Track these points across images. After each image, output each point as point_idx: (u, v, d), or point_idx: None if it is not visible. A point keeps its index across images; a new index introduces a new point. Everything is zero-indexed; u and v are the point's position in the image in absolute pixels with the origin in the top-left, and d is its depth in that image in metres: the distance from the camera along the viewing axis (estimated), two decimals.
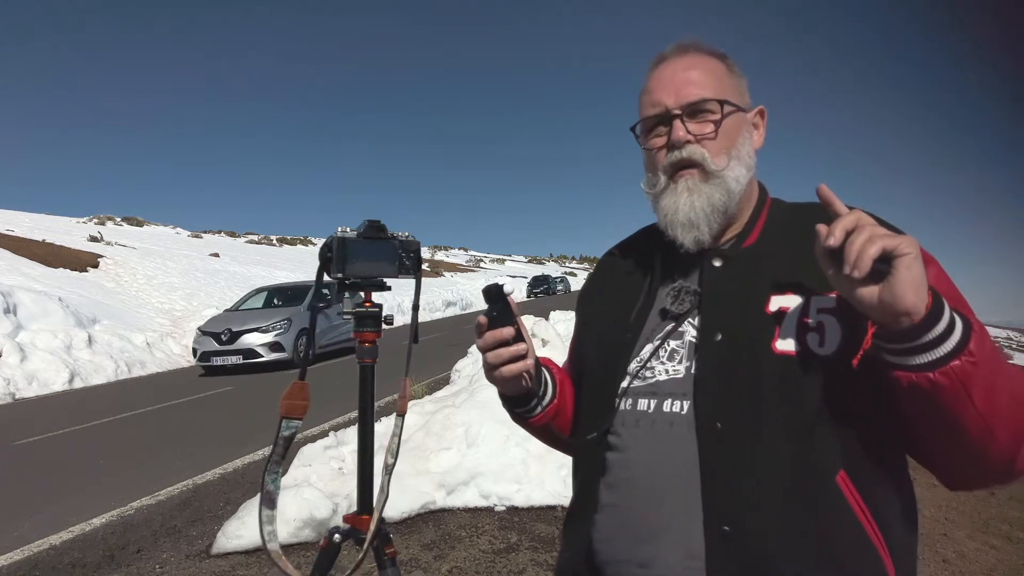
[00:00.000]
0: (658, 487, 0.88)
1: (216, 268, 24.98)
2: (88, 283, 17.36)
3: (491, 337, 0.94)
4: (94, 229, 30.42)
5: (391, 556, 1.37)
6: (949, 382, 0.72)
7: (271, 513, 1.32)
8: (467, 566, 3.44)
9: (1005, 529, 4.19)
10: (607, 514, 0.93)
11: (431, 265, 43.83)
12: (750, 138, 0.98)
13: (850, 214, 0.75)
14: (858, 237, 0.72)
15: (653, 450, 0.90)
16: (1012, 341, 37.29)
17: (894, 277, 0.70)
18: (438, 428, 4.78)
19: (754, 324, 0.88)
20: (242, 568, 3.57)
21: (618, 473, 0.93)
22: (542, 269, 68.71)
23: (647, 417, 0.92)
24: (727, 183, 0.94)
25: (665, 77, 0.97)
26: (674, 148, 0.95)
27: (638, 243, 1.09)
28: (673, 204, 0.95)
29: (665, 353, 0.95)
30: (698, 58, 0.98)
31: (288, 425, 1.32)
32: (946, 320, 0.72)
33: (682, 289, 0.96)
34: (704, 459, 0.86)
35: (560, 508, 4.18)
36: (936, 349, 0.72)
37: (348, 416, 7.09)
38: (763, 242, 0.96)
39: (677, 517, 0.86)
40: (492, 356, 0.95)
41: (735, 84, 0.98)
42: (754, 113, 1.01)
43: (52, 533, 4.26)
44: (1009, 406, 0.75)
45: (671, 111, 0.95)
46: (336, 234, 1.33)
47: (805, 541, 0.81)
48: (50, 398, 9.69)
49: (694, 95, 0.94)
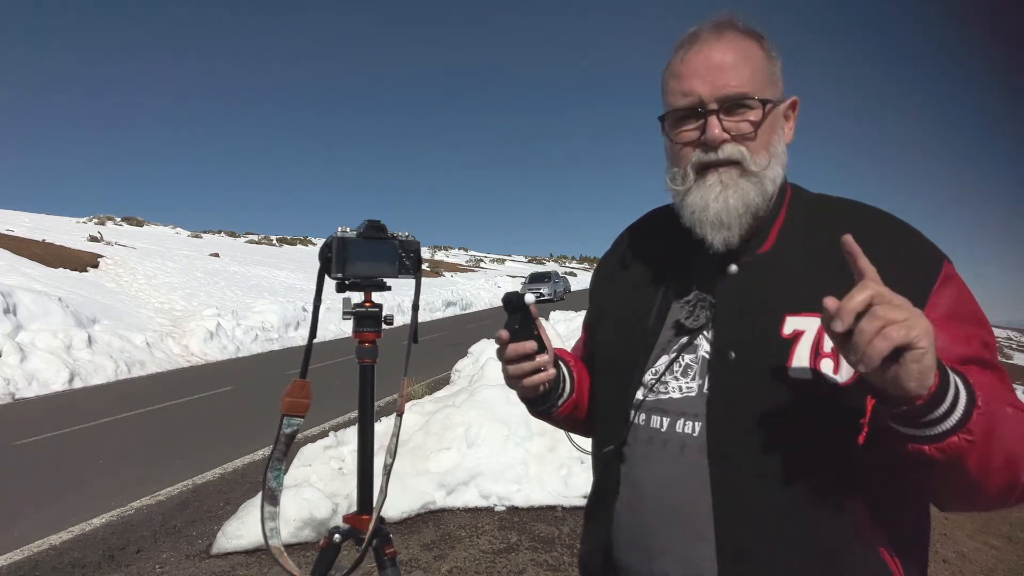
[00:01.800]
0: (668, 509, 0.88)
1: (216, 268, 24.97)
2: (88, 283, 17.35)
3: (513, 352, 0.92)
4: (94, 229, 30.42)
5: (391, 556, 1.36)
6: (944, 457, 0.70)
7: (273, 510, 1.32)
8: (467, 566, 3.44)
9: (1005, 529, 4.19)
10: (621, 523, 0.94)
11: (431, 265, 43.80)
12: (783, 133, 0.92)
13: (863, 289, 0.66)
14: (868, 326, 0.65)
15: (663, 471, 0.90)
16: (1012, 341, 37.29)
17: (902, 368, 0.65)
18: (438, 428, 4.78)
19: (768, 345, 0.85)
20: (242, 568, 3.57)
21: (630, 489, 0.93)
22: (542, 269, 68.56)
23: (659, 436, 0.91)
24: (764, 184, 0.88)
25: (699, 63, 0.88)
26: (708, 148, 0.87)
27: (654, 229, 1.04)
28: (702, 200, 0.88)
29: (680, 368, 0.92)
30: (736, 41, 0.88)
31: (289, 423, 1.33)
32: (948, 402, 0.69)
33: (698, 303, 0.92)
34: (715, 484, 0.85)
35: (560, 508, 4.18)
36: (933, 428, 0.69)
37: (348, 416, 7.09)
38: (779, 247, 0.91)
39: (686, 539, 0.86)
40: (514, 369, 0.93)
41: (772, 73, 0.90)
42: (786, 105, 0.93)
43: (52, 533, 4.26)
44: (1003, 464, 0.73)
45: (707, 104, 0.87)
46: (336, 234, 1.33)
47: (818, 568, 0.81)
48: (50, 398, 9.68)
49: (733, 88, 0.86)
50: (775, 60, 0.91)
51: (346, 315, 1.38)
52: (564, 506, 4.20)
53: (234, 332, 15.38)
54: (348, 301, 1.39)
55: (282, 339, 16.49)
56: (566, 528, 3.89)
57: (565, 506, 4.19)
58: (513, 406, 4.91)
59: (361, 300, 1.39)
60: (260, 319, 16.70)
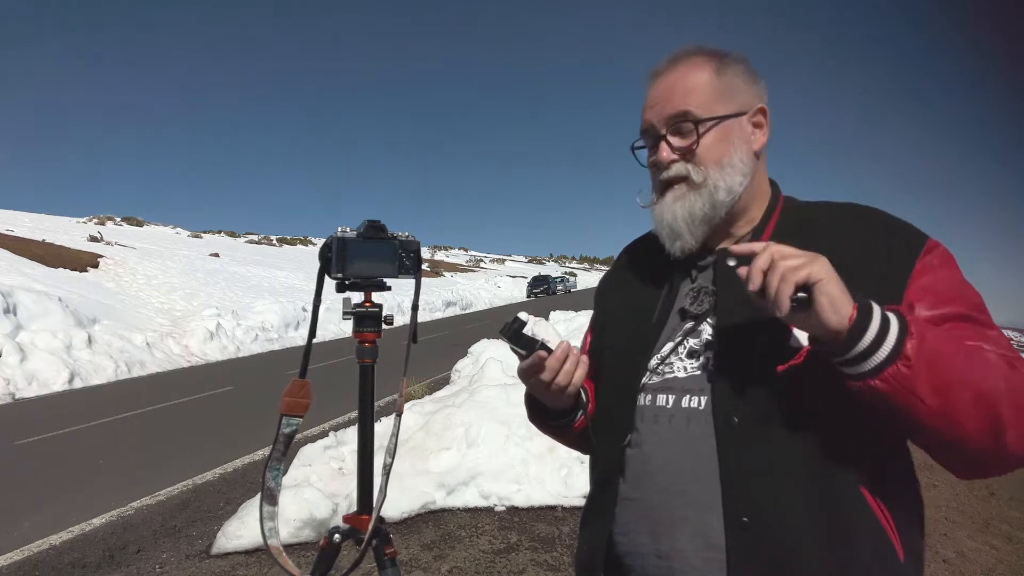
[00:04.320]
0: (677, 480, 0.91)
1: (216, 268, 24.98)
2: (88, 283, 17.35)
3: (531, 371, 0.96)
4: (94, 229, 30.43)
5: (391, 556, 1.36)
6: (891, 387, 0.75)
7: (272, 510, 1.32)
8: (467, 566, 3.44)
9: (1005, 529, 4.20)
10: (626, 507, 0.96)
11: (431, 265, 43.81)
12: (744, 142, 0.96)
13: (762, 252, 0.78)
14: (772, 278, 0.77)
15: (672, 444, 0.92)
16: (1013, 341, 37.35)
17: (815, 303, 0.75)
18: (438, 428, 4.78)
19: (768, 322, 0.88)
20: (242, 568, 3.57)
21: (637, 467, 0.95)
22: (542, 269, 68.69)
23: (666, 412, 0.94)
24: (712, 193, 0.94)
25: (653, 93, 0.98)
26: (660, 168, 0.97)
27: (656, 240, 1.09)
28: (659, 215, 0.98)
29: (684, 350, 0.96)
30: (686, 68, 0.96)
31: (289, 423, 1.32)
32: (874, 331, 0.75)
33: (701, 290, 0.98)
34: (722, 452, 0.88)
35: (560, 508, 4.18)
36: (870, 359, 0.76)
37: (348, 416, 7.10)
38: (776, 240, 0.95)
39: (695, 509, 0.89)
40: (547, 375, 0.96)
41: (726, 87, 0.95)
42: (753, 113, 0.97)
43: (52, 533, 4.26)
44: (973, 399, 0.75)
45: (658, 130, 0.96)
46: (336, 234, 1.33)
47: (822, 530, 0.83)
48: (50, 398, 9.69)
49: (673, 110, 0.95)
50: (736, 76, 0.97)
51: (346, 315, 1.38)
52: (564, 506, 4.20)
53: (234, 332, 15.40)
54: (348, 301, 1.39)
55: (282, 339, 16.51)
56: (566, 528, 3.89)
57: (565, 506, 4.20)
58: (513, 406, 4.91)
59: (361, 300, 1.39)
60: (260, 319, 16.71)
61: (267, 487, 1.32)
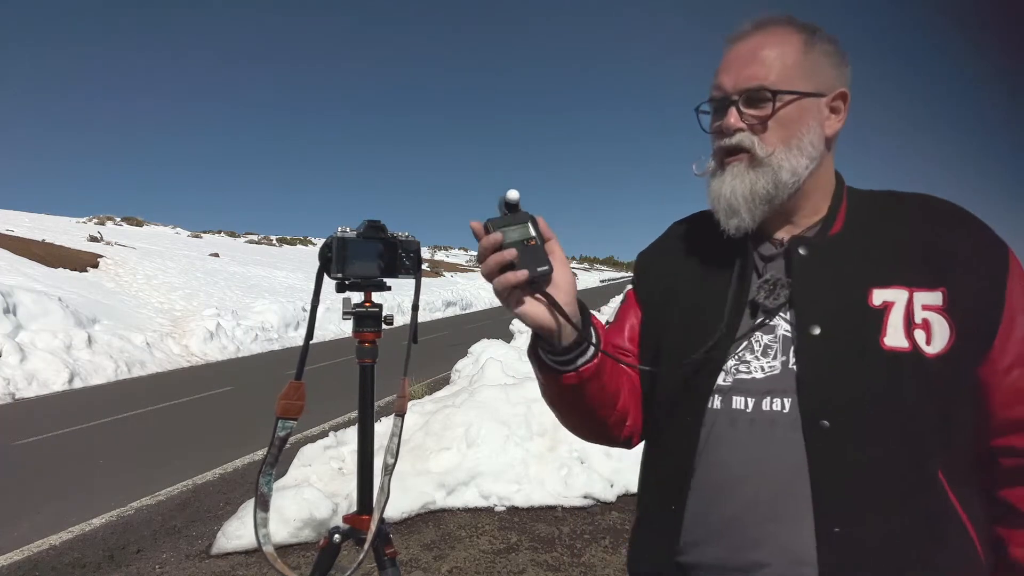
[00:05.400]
0: (761, 490, 0.84)
1: (216, 268, 24.97)
2: (88, 283, 17.35)
3: (487, 249, 0.82)
4: (94, 229, 30.42)
5: (391, 556, 1.37)
6: None
7: (265, 516, 1.32)
8: (467, 566, 3.44)
9: None
10: (696, 518, 0.89)
11: (431, 265, 43.82)
12: (818, 124, 0.90)
13: None
14: None
15: (754, 451, 0.86)
16: None
17: None
18: (438, 428, 4.78)
19: (857, 317, 0.85)
20: (242, 568, 3.57)
21: (710, 475, 0.88)
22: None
23: (745, 416, 0.87)
24: (777, 172, 0.88)
25: (731, 57, 0.91)
26: (723, 135, 0.91)
27: (709, 223, 0.99)
28: (717, 189, 0.91)
29: (759, 347, 0.90)
30: (772, 36, 0.90)
31: (284, 425, 1.33)
32: None
33: (777, 282, 0.90)
34: (813, 459, 0.82)
35: (560, 508, 4.18)
36: None
37: (348, 416, 7.09)
38: (849, 231, 0.91)
39: (782, 522, 0.83)
40: (480, 256, 0.84)
41: (811, 64, 0.89)
42: (833, 96, 0.91)
43: (52, 533, 4.26)
44: None
45: (729, 96, 0.90)
46: (336, 234, 1.33)
47: (919, 541, 0.81)
48: (50, 398, 9.68)
49: (752, 81, 0.88)
50: (822, 55, 0.90)
51: (346, 315, 1.38)
52: (564, 506, 4.20)
53: (234, 332, 15.39)
54: (348, 301, 1.39)
55: (282, 339, 16.49)
56: (566, 528, 3.89)
57: (565, 506, 4.19)
58: (513, 406, 4.91)
59: (361, 300, 1.40)
60: (260, 319, 16.70)
61: (260, 492, 1.32)
